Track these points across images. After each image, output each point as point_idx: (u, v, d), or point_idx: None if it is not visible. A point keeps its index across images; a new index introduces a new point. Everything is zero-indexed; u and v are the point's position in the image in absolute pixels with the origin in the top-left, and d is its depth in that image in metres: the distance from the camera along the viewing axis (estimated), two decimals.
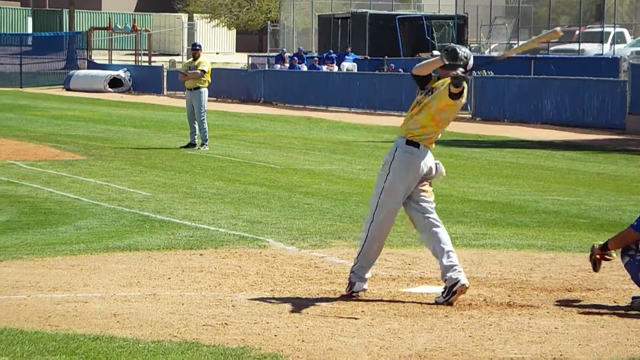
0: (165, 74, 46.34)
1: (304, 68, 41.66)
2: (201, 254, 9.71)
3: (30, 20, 76.61)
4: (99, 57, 55.84)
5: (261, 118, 31.40)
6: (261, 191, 14.55)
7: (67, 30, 63.01)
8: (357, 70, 40.67)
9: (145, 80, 46.64)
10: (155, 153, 19.70)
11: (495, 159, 20.34)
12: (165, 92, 45.03)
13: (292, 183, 15.61)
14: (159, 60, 56.49)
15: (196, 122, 20.35)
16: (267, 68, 44.33)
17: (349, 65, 41.52)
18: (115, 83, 46.22)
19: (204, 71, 20.46)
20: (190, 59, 20.99)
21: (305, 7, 54.12)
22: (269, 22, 59.83)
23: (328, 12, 50.65)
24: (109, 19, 66.67)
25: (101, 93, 44.59)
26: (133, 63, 53.86)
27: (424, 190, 8.09)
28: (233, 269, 9.04)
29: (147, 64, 54.44)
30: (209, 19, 69.08)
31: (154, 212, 12.40)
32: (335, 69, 41.27)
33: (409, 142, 8.05)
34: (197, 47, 21.17)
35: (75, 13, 66.09)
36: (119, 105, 36.07)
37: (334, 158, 19.68)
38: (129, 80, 46.42)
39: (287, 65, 42.68)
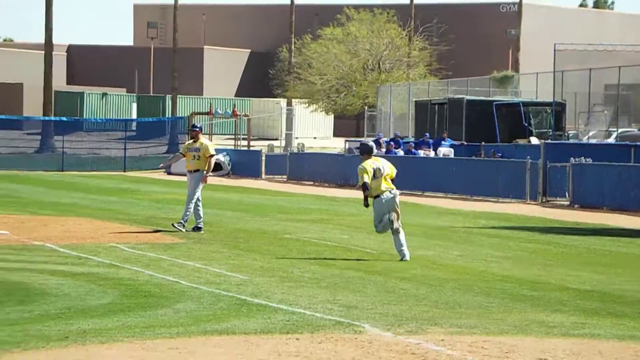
0: (263, 158, 46.92)
1: (401, 153, 41.82)
2: (297, 339, 9.77)
3: (134, 105, 78.58)
4: None
5: (358, 202, 31.50)
6: (357, 276, 14.59)
7: (170, 115, 64.40)
8: (454, 155, 40.66)
9: (244, 164, 47.26)
10: (252, 236, 19.91)
11: (595, 247, 20.07)
12: (263, 176, 45.54)
13: (388, 268, 15.62)
14: (257, 145, 57.27)
15: (190, 203, 19.91)
16: None
17: (445, 150, 41.56)
18: (215, 167, 46.83)
19: (212, 155, 20.30)
20: (190, 141, 20.65)
21: (402, 92, 54.51)
22: (366, 107, 60.38)
23: (425, 97, 50.93)
24: (210, 104, 68.01)
25: None
26: (232, 147, 54.68)
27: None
28: (329, 354, 9.07)
29: (246, 148, 55.23)
30: (307, 104, 69.97)
31: (251, 295, 12.53)
32: (432, 154, 41.34)
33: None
34: (197, 129, 20.85)
35: (178, 98, 67.61)
36: (218, 189, 36.57)
37: (430, 243, 19.64)
38: (229, 164, 47.07)
39: (384, 150, 42.90)
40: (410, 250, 18.32)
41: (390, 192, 16.49)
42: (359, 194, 36.12)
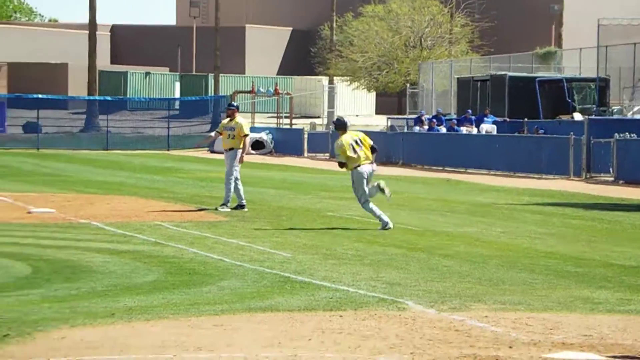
0: (306, 136, 46.97)
1: (443, 130, 41.70)
2: (341, 316, 9.82)
3: (177, 84, 78.93)
4: None
5: (400, 180, 31.50)
6: (400, 253, 14.62)
7: (212, 94, 64.61)
8: (497, 132, 40.49)
9: (287, 142, 47.35)
10: (295, 214, 19.98)
11: None
12: (305, 154, 45.61)
13: (431, 245, 15.63)
14: (300, 123, 57.34)
15: (229, 182, 20.01)
16: (406, 130, 44.53)
17: (488, 127, 41.38)
18: (257, 145, 47.04)
19: (246, 135, 20.21)
20: (227, 120, 20.59)
21: (444, 69, 54.30)
22: (408, 85, 60.21)
23: (467, 74, 50.69)
24: (252, 82, 68.13)
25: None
26: (275, 125, 54.80)
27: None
28: (372, 331, 9.11)
29: (288, 126, 55.31)
30: (349, 82, 69.89)
31: (294, 273, 12.60)
32: (474, 131, 41.18)
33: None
34: (233, 107, 20.71)
35: (220, 77, 67.77)
36: (261, 167, 36.71)
37: (473, 220, 19.61)
38: (271, 143, 47.18)
39: (426, 127, 42.80)
40: (453, 227, 18.31)
41: (370, 164, 17.53)
42: (400, 171, 36.15)
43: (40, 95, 52.55)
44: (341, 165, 17.61)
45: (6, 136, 49.01)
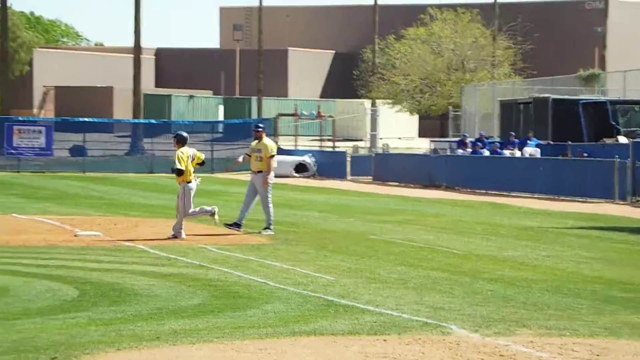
0: (348, 159, 47.00)
1: (486, 153, 41.57)
2: (385, 340, 9.81)
3: (221, 107, 79.40)
4: (285, 142, 57.16)
5: (443, 203, 31.43)
6: (444, 277, 14.58)
7: (255, 117, 64.87)
8: (540, 155, 40.29)
9: (330, 165, 47.40)
10: (339, 237, 20.00)
11: None
12: (348, 177, 45.64)
13: (475, 269, 15.57)
14: (342, 146, 57.39)
15: (261, 205, 20.12)
16: (449, 153, 44.44)
17: (531, 150, 41.19)
18: (300, 168, 47.16)
19: (273, 155, 20.21)
20: (255, 142, 20.49)
21: (486, 92, 54.16)
22: (450, 108, 60.12)
23: (510, 97, 50.52)
24: (295, 105, 68.38)
25: (287, 178, 45.54)
26: (318, 148, 54.88)
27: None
28: (417, 355, 9.10)
29: (331, 149, 55.39)
30: (391, 105, 69.91)
31: (338, 296, 12.61)
32: (518, 153, 41.01)
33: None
34: (260, 129, 20.61)
35: (263, 100, 68.06)
36: (304, 190, 36.77)
37: (517, 244, 19.52)
38: (314, 166, 47.26)
39: (470, 150, 42.69)
40: (497, 250, 18.22)
41: (196, 179, 19.35)
42: (443, 194, 36.05)
43: (86, 119, 53.05)
44: (179, 172, 18.90)
45: (53, 159, 49.45)
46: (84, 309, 11.74)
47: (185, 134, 19.56)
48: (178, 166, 18.92)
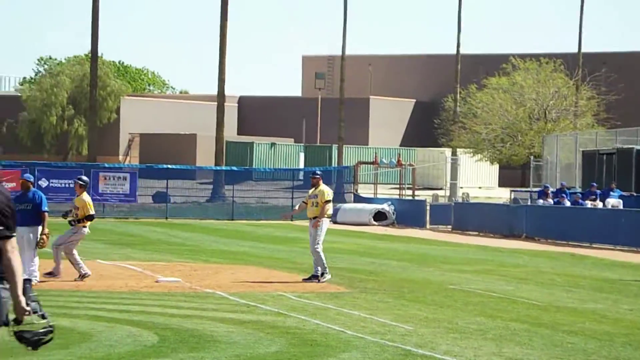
0: (428, 207, 46.91)
1: (567, 203, 41.20)
2: None
3: (302, 155, 79.92)
4: (364, 190, 57.30)
5: (523, 253, 31.19)
6: (523, 328, 14.49)
7: (336, 165, 65.20)
8: (623, 206, 39.80)
9: (409, 213, 47.35)
10: (417, 286, 19.98)
11: None
12: (428, 226, 45.53)
13: (555, 321, 15.45)
14: (422, 194, 57.31)
15: (320, 252, 20.01)
16: (529, 203, 44.13)
17: (614, 201, 40.72)
18: (379, 216, 47.17)
19: (328, 201, 20.20)
20: (312, 189, 20.53)
21: (569, 142, 53.77)
22: (532, 157, 59.76)
23: (592, 147, 50.10)
24: (375, 153, 68.58)
25: (366, 226, 45.59)
26: (397, 197, 54.89)
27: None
28: None
29: (410, 197, 55.36)
30: (472, 154, 69.71)
31: (415, 346, 12.61)
32: (600, 205, 40.57)
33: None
34: (317, 176, 20.61)
35: (344, 148, 68.36)
36: (383, 239, 36.77)
37: (599, 296, 19.30)
38: (393, 214, 47.26)
39: (551, 200, 42.35)
40: (578, 302, 18.03)
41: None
42: (523, 245, 35.76)
43: (169, 166, 53.85)
44: (90, 218, 20.06)
45: (137, 206, 50.21)
46: (164, 355, 11.91)
47: (86, 179, 20.75)
48: (92, 212, 20.23)
